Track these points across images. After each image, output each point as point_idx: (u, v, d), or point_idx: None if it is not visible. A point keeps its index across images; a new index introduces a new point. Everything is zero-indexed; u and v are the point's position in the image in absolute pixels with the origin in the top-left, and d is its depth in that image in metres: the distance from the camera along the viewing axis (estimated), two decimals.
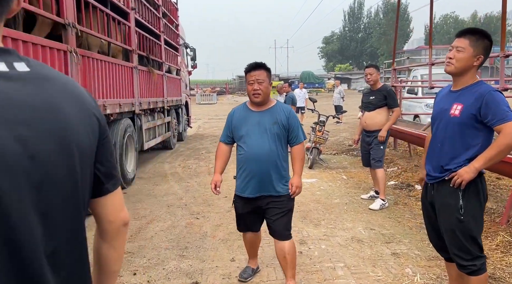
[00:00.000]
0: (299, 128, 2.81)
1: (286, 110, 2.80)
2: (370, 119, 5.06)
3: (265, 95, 2.74)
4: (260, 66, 2.77)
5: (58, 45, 3.88)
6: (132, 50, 6.50)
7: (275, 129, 2.71)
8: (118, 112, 5.73)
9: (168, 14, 9.73)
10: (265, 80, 2.73)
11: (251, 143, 2.74)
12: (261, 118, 2.75)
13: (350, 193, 5.68)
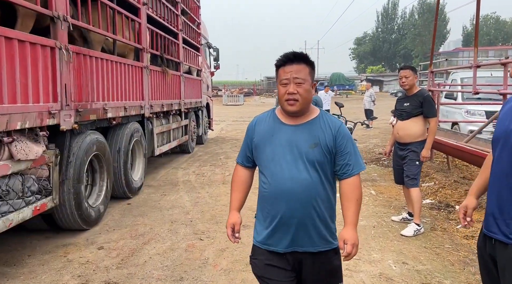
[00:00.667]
0: (353, 153, 1.84)
1: (333, 125, 1.84)
2: (404, 130, 4.33)
3: (305, 103, 1.81)
4: (300, 58, 1.82)
5: (42, 41, 3.41)
6: (143, 49, 6.03)
7: (315, 155, 1.79)
8: (123, 116, 5.25)
9: (189, 11, 9.26)
10: (306, 80, 1.80)
11: (278, 172, 1.81)
12: (295, 135, 1.82)
13: (378, 213, 4.95)
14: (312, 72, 1.85)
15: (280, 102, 1.85)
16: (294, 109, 1.80)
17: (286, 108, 1.82)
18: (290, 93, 1.78)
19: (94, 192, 4.73)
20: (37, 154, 3.33)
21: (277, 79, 1.88)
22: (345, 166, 1.82)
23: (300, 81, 1.79)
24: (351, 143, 1.87)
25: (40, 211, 3.49)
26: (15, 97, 3.07)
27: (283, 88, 1.81)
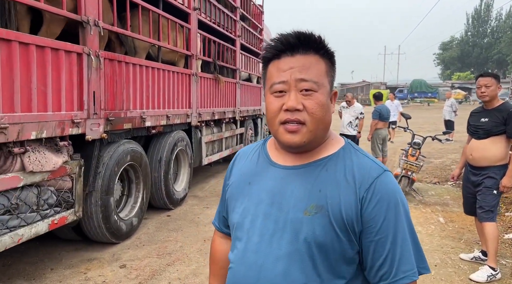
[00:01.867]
0: (399, 243, 0.96)
1: (363, 174, 0.99)
2: (480, 151, 3.52)
3: (318, 129, 1.00)
4: (309, 42, 1.00)
5: (66, 46, 3.26)
6: (192, 55, 5.82)
7: (313, 230, 0.97)
8: (165, 124, 5.06)
9: (249, 17, 8.99)
10: (320, 85, 1.00)
11: (244, 252, 1.05)
12: (284, 186, 1.03)
13: (444, 247, 4.13)
14: (331, 71, 1.04)
15: (271, 127, 1.04)
16: (297, 141, 0.99)
17: (283, 138, 1.01)
18: (291, 110, 0.98)
19: (129, 203, 4.57)
20: (55, 165, 3.18)
21: (264, 83, 1.08)
22: (378, 268, 0.97)
23: (310, 86, 0.98)
24: (399, 218, 0.96)
25: (59, 225, 3.34)
26: (30, 105, 2.92)
27: (277, 101, 1.00)
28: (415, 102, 46.57)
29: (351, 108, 8.04)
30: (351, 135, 7.87)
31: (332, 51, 1.05)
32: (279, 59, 1.01)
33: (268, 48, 1.04)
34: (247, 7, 8.79)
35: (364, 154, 1.06)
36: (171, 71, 5.17)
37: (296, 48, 1.00)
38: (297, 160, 1.06)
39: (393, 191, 0.99)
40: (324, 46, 1.03)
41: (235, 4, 7.80)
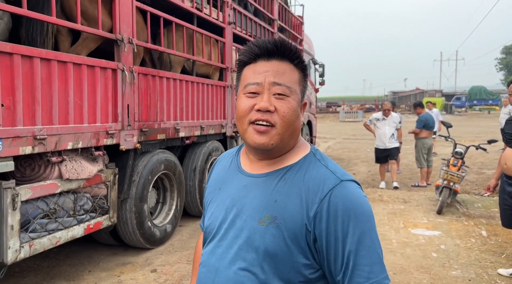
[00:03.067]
0: (358, 252, 0.94)
1: (318, 184, 0.98)
2: None
3: (287, 132, 1.03)
4: (285, 51, 1.05)
5: (101, 63, 3.54)
6: (226, 68, 6.01)
7: (265, 239, 0.98)
8: (199, 135, 5.25)
9: (288, 29, 9.09)
10: (293, 91, 1.03)
11: (208, 255, 1.10)
12: (244, 194, 1.07)
13: (482, 262, 3.90)
14: (303, 81, 1.08)
15: (240, 126, 1.05)
16: (265, 142, 1.00)
17: (251, 138, 1.02)
18: (262, 110, 0.99)
19: (164, 210, 4.77)
20: (91, 173, 3.43)
21: (238, 84, 1.10)
22: (333, 277, 0.97)
23: (283, 90, 1.01)
24: (354, 230, 0.94)
25: (94, 229, 3.58)
26: (67, 118, 3.20)
27: (248, 101, 1.02)
28: (474, 110, 44.05)
29: (390, 119, 7.57)
30: (394, 148, 7.57)
31: (305, 63, 1.09)
32: (255, 63, 1.05)
33: (244, 52, 1.08)
34: (286, 19, 8.90)
35: (325, 163, 1.04)
36: (205, 84, 5.37)
37: (273, 54, 1.04)
38: (261, 168, 1.08)
39: (349, 202, 0.95)
40: (299, 56, 1.07)
41: (272, 17, 7.93)
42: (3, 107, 2.68)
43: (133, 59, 3.98)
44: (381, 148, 7.58)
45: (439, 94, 48.91)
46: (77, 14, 3.33)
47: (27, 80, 2.85)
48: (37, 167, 3.15)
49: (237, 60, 1.11)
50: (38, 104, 2.93)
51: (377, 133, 7.68)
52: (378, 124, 7.64)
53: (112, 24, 3.74)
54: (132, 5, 3.89)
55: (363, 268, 0.93)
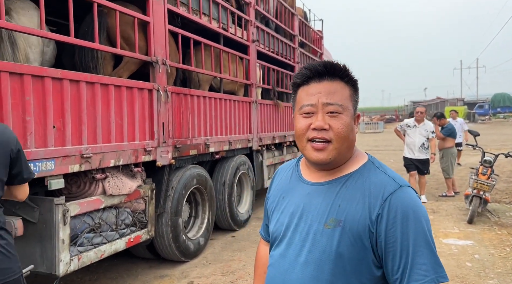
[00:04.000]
0: (416, 251, 1.03)
1: (379, 189, 1.08)
2: None
3: (343, 147, 1.13)
4: (335, 71, 1.15)
5: (139, 84, 3.73)
6: (251, 84, 6.18)
7: (332, 242, 1.08)
8: (227, 149, 5.39)
9: (309, 43, 9.26)
10: (345, 108, 1.13)
11: (276, 260, 1.20)
12: (309, 201, 1.16)
13: None
14: (355, 96, 1.17)
15: (299, 144, 1.18)
16: (323, 158, 1.11)
17: (310, 155, 1.13)
18: (318, 128, 1.10)
19: (196, 224, 4.90)
20: (131, 189, 3.59)
21: (294, 105, 1.21)
22: (392, 277, 1.05)
23: (335, 109, 1.11)
24: (413, 231, 1.03)
25: (134, 243, 3.73)
26: (110, 137, 3.39)
27: (304, 120, 1.14)
28: (498, 118, 43.11)
29: (422, 127, 6.85)
30: (425, 160, 6.87)
31: (356, 78, 1.19)
32: (308, 85, 1.16)
33: (298, 75, 1.19)
34: (306, 34, 9.08)
35: (384, 170, 1.14)
36: (232, 100, 5.54)
37: (323, 75, 1.14)
38: (322, 177, 1.18)
39: (408, 205, 1.05)
40: (349, 74, 1.16)
41: (293, 33, 8.12)
42: (55, 128, 2.88)
43: (167, 79, 4.18)
44: (409, 157, 7.07)
45: (461, 102, 48.09)
46: (118, 40, 3.56)
47: (75, 102, 3.05)
48: (83, 183, 3.33)
49: (292, 83, 1.22)
50: (84, 125, 3.13)
51: (406, 141, 7.07)
52: (408, 131, 7.02)
53: (148, 47, 3.96)
54: (165, 28, 4.10)
55: (420, 267, 1.01)
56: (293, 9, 8.20)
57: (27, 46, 3.18)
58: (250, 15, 6.09)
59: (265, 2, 6.82)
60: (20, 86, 2.65)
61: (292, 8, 8.08)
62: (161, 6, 4.03)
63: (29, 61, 3.15)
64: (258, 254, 1.48)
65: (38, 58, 3.32)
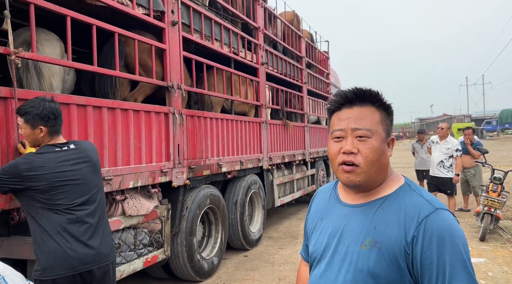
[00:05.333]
0: (453, 275, 1.03)
1: (413, 212, 1.11)
2: None
3: (372, 170, 1.17)
4: (365, 96, 1.20)
5: (156, 108, 3.89)
6: (261, 105, 6.34)
7: (369, 262, 1.12)
8: (239, 169, 5.51)
9: (315, 64, 9.47)
10: (374, 132, 1.17)
11: (316, 279, 1.25)
12: (347, 223, 1.21)
13: None
14: (386, 120, 1.20)
15: (333, 167, 1.23)
16: (353, 179, 1.16)
17: (341, 177, 1.19)
18: (347, 152, 1.16)
19: (210, 244, 4.98)
20: (148, 209, 3.71)
21: (329, 130, 1.27)
22: None
23: (364, 133, 1.16)
24: (449, 254, 1.03)
25: (151, 263, 3.81)
26: (129, 159, 3.52)
27: (336, 145, 1.20)
28: (507, 134, 42.89)
29: (443, 144, 6.54)
30: (445, 178, 6.49)
31: (387, 103, 1.22)
32: (340, 111, 1.21)
33: (331, 101, 1.25)
34: (312, 55, 9.30)
35: (420, 193, 1.15)
36: (243, 121, 5.69)
37: (354, 101, 1.19)
38: (359, 199, 1.21)
39: (444, 228, 1.05)
40: (379, 99, 1.20)
41: (300, 54, 8.33)
42: None
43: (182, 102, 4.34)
44: (430, 173, 6.78)
45: (468, 119, 47.96)
46: (137, 67, 3.74)
47: (97, 127, 3.21)
48: None
49: (327, 109, 1.30)
50: (106, 149, 3.27)
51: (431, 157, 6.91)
52: (432, 147, 6.87)
53: (164, 72, 4.14)
54: (180, 55, 4.29)
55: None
56: (300, 31, 8.44)
57: (51, 75, 3.37)
58: (259, 39, 6.30)
59: (273, 26, 7.05)
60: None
61: (298, 31, 8.32)
62: (176, 34, 4.23)
63: (52, 89, 3.33)
64: (299, 274, 1.53)
65: (60, 86, 3.50)
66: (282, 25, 7.50)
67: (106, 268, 2.30)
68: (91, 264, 2.21)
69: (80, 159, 2.32)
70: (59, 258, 2.13)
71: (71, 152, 2.31)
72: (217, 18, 5.05)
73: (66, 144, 2.34)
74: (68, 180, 2.22)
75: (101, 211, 2.38)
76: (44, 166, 2.17)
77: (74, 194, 2.23)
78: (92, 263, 2.21)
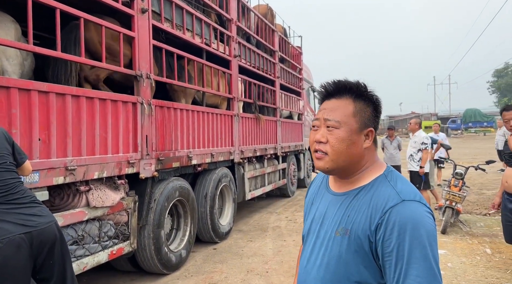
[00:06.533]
0: (410, 263, 1.05)
1: (380, 202, 1.14)
2: None
3: (339, 159, 1.21)
4: (343, 88, 1.25)
5: (123, 98, 3.80)
6: (233, 98, 6.30)
7: (339, 247, 1.18)
8: (210, 162, 5.47)
9: (288, 59, 9.49)
10: (343, 124, 1.21)
11: (302, 260, 1.33)
12: (329, 210, 1.28)
13: (489, 278, 4.06)
14: (363, 111, 1.22)
15: (312, 155, 1.30)
16: (320, 165, 1.23)
17: (314, 163, 1.27)
18: (317, 141, 1.23)
19: (178, 236, 4.92)
20: (114, 201, 3.62)
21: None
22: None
23: (332, 124, 1.20)
24: (407, 244, 1.05)
25: (117, 255, 3.73)
26: (94, 149, 3.42)
27: (313, 134, 1.27)
28: (470, 133, 44.61)
29: (412, 138, 6.63)
30: (413, 171, 6.54)
31: (369, 93, 1.23)
32: (323, 102, 1.29)
33: (318, 93, 1.33)
34: (285, 50, 9.31)
35: (393, 184, 1.17)
36: (215, 114, 5.64)
37: (332, 94, 1.25)
38: (341, 187, 1.27)
39: (407, 218, 1.07)
40: (355, 91, 1.22)
41: (273, 48, 8.33)
42: (40, 141, 2.91)
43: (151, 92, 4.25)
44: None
45: (435, 117, 49.53)
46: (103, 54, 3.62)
47: (60, 115, 3.09)
48: (66, 196, 3.34)
49: (318, 100, 1.35)
50: (69, 137, 3.17)
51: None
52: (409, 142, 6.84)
53: (132, 61, 4.03)
54: (150, 43, 4.20)
55: (415, 278, 1.02)
56: (273, 25, 8.43)
57: (4, 58, 3.21)
58: (232, 31, 6.25)
59: (247, 19, 7.00)
60: (7, 99, 2.68)
61: (272, 25, 8.31)
62: (146, 22, 4.13)
63: (7, 73, 3.18)
64: (299, 254, 1.54)
65: (17, 71, 3.35)
66: (255, 18, 7.47)
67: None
68: None
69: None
70: None
71: None
72: (189, 8, 4.96)
73: None
74: None
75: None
76: None
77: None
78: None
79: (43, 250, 2.40)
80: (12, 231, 2.24)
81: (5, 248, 2.20)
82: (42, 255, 2.40)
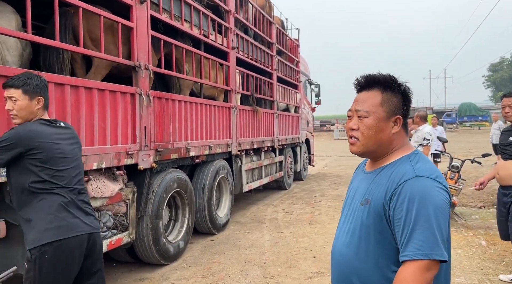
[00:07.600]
0: (411, 228, 1.23)
1: (395, 177, 1.33)
2: (507, 170, 3.59)
3: (369, 144, 1.40)
4: (372, 81, 1.44)
5: (122, 88, 3.79)
6: (231, 90, 6.29)
7: (362, 216, 1.38)
8: (208, 154, 5.47)
9: (285, 51, 9.48)
10: (371, 113, 1.39)
11: (338, 227, 1.56)
12: (360, 185, 1.49)
13: (484, 269, 4.12)
14: (390, 101, 1.39)
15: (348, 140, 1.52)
16: (353, 149, 1.45)
17: (349, 147, 1.48)
18: (350, 128, 1.45)
19: (176, 227, 4.94)
20: (113, 191, 3.62)
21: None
22: (400, 246, 1.26)
23: (362, 114, 1.40)
24: (415, 212, 1.22)
25: (115, 246, 3.74)
26: (93, 140, 3.42)
27: (348, 122, 1.48)
28: (465, 127, 44.85)
29: (415, 133, 6.43)
30: None
31: (396, 85, 1.41)
32: (357, 94, 1.49)
33: (354, 86, 1.51)
34: (283, 42, 9.30)
35: (413, 163, 1.35)
36: (212, 106, 5.64)
37: (363, 87, 1.46)
38: (372, 167, 1.48)
39: (417, 191, 1.25)
40: (386, 82, 1.41)
41: (271, 41, 8.31)
42: None
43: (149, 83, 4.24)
44: None
45: (430, 111, 49.64)
46: (102, 44, 3.60)
47: (59, 105, 3.08)
48: None
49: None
50: None
51: None
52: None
53: (131, 52, 4.01)
54: (148, 34, 4.17)
55: (417, 242, 1.20)
56: (271, 17, 8.40)
57: (5, 49, 3.19)
58: (230, 23, 6.23)
59: (245, 11, 6.97)
60: None
61: (270, 17, 8.28)
62: (144, 12, 4.11)
63: (7, 63, 3.16)
64: None
65: (17, 61, 3.33)
66: (253, 10, 7.43)
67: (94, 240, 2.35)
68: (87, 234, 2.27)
69: (74, 139, 2.38)
70: (56, 227, 2.14)
71: (64, 130, 2.32)
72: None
73: (56, 122, 2.34)
74: (68, 158, 2.25)
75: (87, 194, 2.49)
76: (43, 135, 2.17)
77: (73, 171, 2.27)
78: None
79: (93, 255, 2.33)
80: (82, 228, 2.23)
81: (72, 242, 2.17)
82: (90, 260, 2.32)
